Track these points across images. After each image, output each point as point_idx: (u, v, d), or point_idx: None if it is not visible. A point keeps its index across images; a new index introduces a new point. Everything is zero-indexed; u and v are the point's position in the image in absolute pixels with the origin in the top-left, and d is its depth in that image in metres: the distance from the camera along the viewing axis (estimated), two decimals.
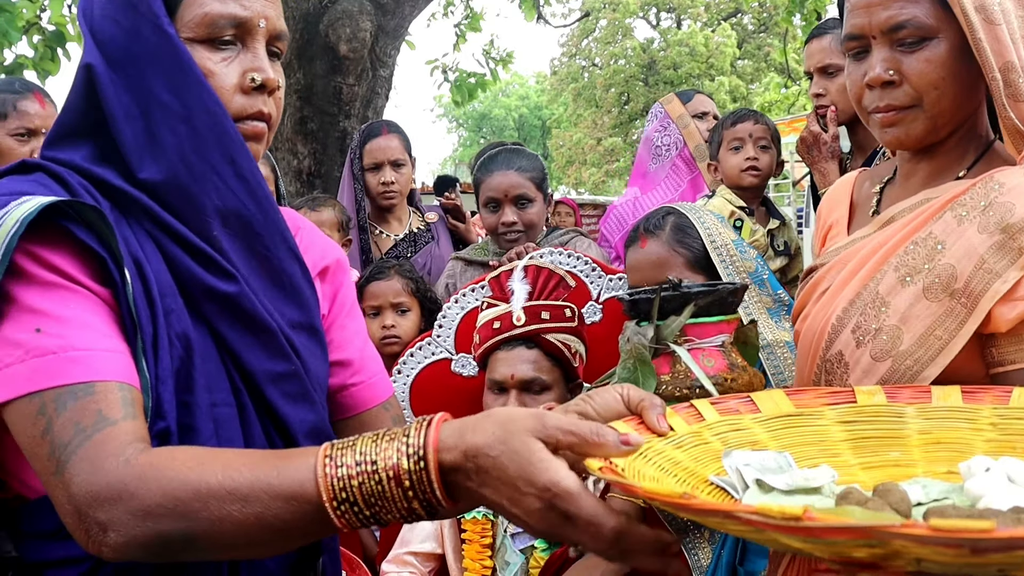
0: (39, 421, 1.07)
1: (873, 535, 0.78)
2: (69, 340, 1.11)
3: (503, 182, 3.19)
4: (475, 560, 2.26)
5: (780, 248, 3.37)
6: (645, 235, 2.21)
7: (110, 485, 1.04)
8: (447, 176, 6.47)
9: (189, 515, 1.03)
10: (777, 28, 22.01)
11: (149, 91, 1.24)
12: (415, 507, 1.05)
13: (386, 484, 1.03)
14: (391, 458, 1.04)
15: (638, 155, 4.15)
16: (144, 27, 1.24)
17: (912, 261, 1.47)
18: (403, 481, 1.03)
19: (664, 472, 1.14)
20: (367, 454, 1.05)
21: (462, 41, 9.79)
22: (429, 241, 3.91)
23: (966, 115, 1.54)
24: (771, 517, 0.80)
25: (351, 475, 1.04)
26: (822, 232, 1.79)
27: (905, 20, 1.48)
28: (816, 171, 3.29)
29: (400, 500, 1.04)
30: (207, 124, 1.25)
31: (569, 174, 32.04)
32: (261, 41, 1.33)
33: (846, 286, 1.56)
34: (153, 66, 1.24)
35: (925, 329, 1.43)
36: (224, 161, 1.26)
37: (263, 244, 1.32)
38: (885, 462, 1.26)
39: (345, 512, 1.04)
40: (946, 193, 1.51)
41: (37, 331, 1.10)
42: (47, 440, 1.07)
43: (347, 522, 1.05)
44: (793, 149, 3.74)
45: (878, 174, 1.74)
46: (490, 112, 43.49)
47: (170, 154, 1.24)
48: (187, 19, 1.27)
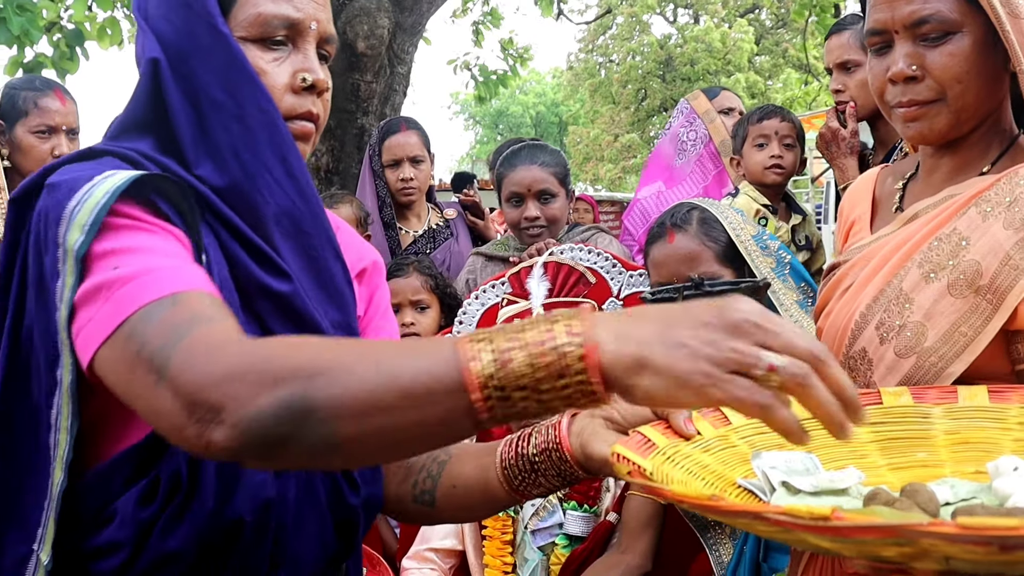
0: (131, 344, 1.04)
1: (902, 534, 0.78)
2: (146, 263, 1.10)
3: (526, 177, 3.19)
4: (496, 556, 2.26)
5: (802, 243, 3.35)
6: (673, 229, 2.19)
7: (226, 363, 0.99)
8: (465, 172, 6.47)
9: (312, 377, 0.96)
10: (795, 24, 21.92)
11: (202, 88, 1.25)
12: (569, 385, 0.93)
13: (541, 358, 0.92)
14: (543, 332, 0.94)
15: (660, 149, 4.13)
16: (197, 26, 1.25)
17: (936, 257, 1.47)
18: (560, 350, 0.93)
19: (692, 475, 1.14)
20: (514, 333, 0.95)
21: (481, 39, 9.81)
22: (448, 237, 3.92)
23: (989, 109, 1.53)
24: (800, 518, 0.80)
25: (503, 351, 0.94)
26: (844, 228, 1.78)
27: (929, 15, 1.47)
28: (835, 167, 3.28)
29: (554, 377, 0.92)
30: (260, 122, 1.25)
31: (586, 171, 32.00)
32: (312, 43, 1.34)
33: (869, 283, 1.56)
34: (206, 64, 1.25)
35: (950, 326, 1.43)
36: (276, 159, 1.27)
37: (311, 244, 1.32)
38: (912, 463, 1.25)
39: (492, 403, 0.93)
40: (970, 189, 1.50)
41: (115, 269, 1.09)
42: (143, 356, 1.02)
43: (488, 401, 0.93)
44: (812, 145, 3.72)
45: (900, 170, 1.73)
46: (507, 109, 43.46)
47: (223, 152, 1.24)
48: (240, 19, 1.28)
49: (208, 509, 1.19)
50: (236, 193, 1.25)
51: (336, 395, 0.95)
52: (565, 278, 2.33)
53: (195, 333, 1.02)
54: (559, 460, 1.31)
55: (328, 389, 0.95)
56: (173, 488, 1.19)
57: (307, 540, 1.30)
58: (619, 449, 1.12)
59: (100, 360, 1.06)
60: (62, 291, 1.10)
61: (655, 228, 2.28)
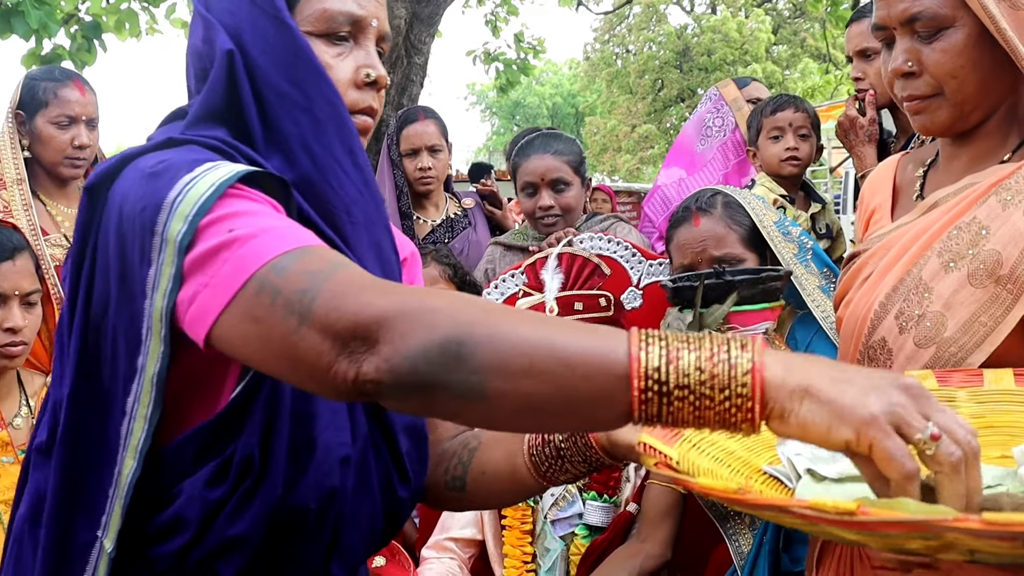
0: (261, 298, 1.03)
1: (926, 529, 0.78)
2: (265, 223, 1.10)
3: (539, 166, 3.18)
4: (515, 546, 2.26)
5: (822, 231, 3.33)
6: (698, 213, 2.21)
7: (382, 299, 0.99)
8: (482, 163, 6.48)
9: (473, 325, 0.96)
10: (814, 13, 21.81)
11: (267, 81, 1.25)
12: (727, 408, 0.92)
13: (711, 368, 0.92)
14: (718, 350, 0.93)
15: (684, 136, 4.11)
16: (261, 19, 1.26)
17: (956, 247, 1.46)
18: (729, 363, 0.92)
19: (718, 463, 1.14)
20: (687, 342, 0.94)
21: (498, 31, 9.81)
22: (466, 227, 3.91)
23: (998, 99, 1.52)
24: (825, 512, 0.80)
25: (670, 351, 0.93)
26: (864, 216, 1.78)
27: (918, 11, 1.47)
28: (854, 155, 3.26)
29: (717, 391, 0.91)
30: (328, 115, 1.26)
31: (603, 161, 31.96)
32: (372, 40, 1.37)
33: (889, 272, 1.55)
34: (271, 56, 1.25)
35: (970, 315, 1.42)
36: (344, 151, 1.28)
37: (375, 234, 1.33)
38: None
39: (649, 397, 0.92)
40: (990, 177, 1.49)
41: (230, 232, 1.08)
42: (279, 304, 1.02)
43: (644, 390, 0.92)
44: (831, 135, 3.70)
45: (920, 157, 1.72)
46: (524, 100, 43.43)
47: (292, 144, 1.25)
48: (306, 13, 1.30)
49: (276, 494, 1.20)
50: (306, 186, 1.25)
51: (495, 349, 0.94)
52: (579, 270, 2.33)
53: (339, 275, 1.03)
54: (584, 446, 1.32)
55: (488, 341, 0.95)
56: (244, 470, 1.20)
57: (360, 531, 1.33)
58: (646, 439, 1.12)
59: (223, 322, 1.06)
60: (155, 279, 1.10)
61: (679, 212, 2.28)
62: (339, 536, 1.29)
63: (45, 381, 2.45)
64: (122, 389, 1.16)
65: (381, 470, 1.33)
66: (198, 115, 1.26)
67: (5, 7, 6.68)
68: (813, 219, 3.35)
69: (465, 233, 3.89)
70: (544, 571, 2.23)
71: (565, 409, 0.96)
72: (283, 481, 1.20)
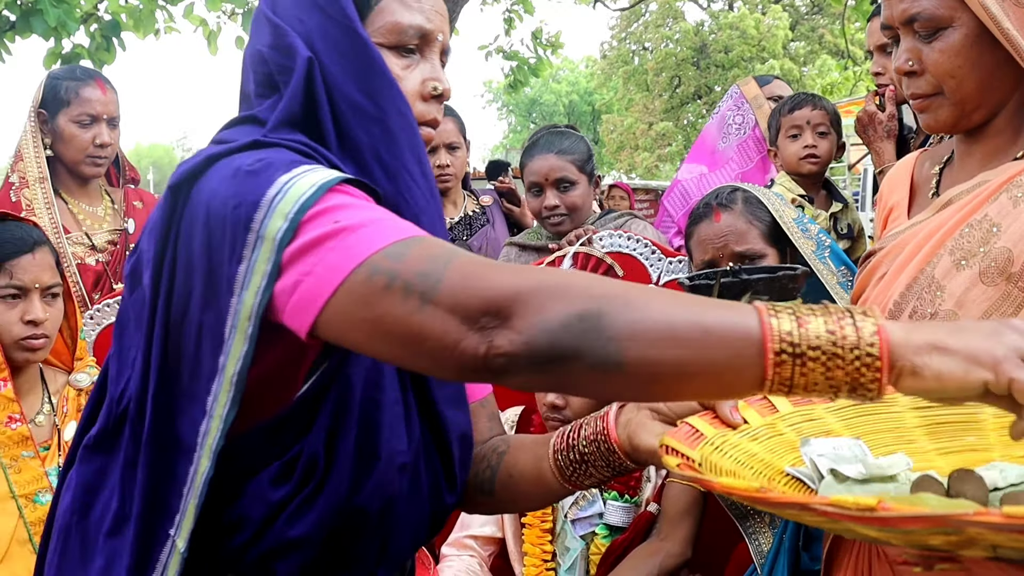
0: (375, 281, 1.04)
1: (948, 523, 0.78)
2: (372, 215, 1.11)
3: (543, 166, 3.17)
4: (535, 545, 2.26)
5: (844, 231, 3.31)
6: (719, 209, 2.21)
7: (513, 277, 1.01)
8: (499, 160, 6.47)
9: (609, 298, 0.98)
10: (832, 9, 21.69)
11: (338, 90, 1.26)
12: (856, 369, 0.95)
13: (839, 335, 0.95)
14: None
15: (707, 131, 4.11)
16: (333, 28, 1.27)
17: (967, 244, 1.46)
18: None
19: (740, 465, 1.14)
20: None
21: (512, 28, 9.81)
22: (484, 224, 3.91)
23: (1001, 97, 1.52)
24: (847, 508, 0.81)
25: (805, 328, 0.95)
26: (883, 214, 1.78)
27: (916, 12, 1.49)
28: (873, 150, 3.25)
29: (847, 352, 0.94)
30: (400, 126, 1.28)
31: (621, 159, 31.91)
32: (437, 53, 1.39)
33: (903, 270, 1.55)
34: (342, 66, 1.26)
35: (981, 314, 1.42)
36: (414, 162, 1.29)
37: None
38: (962, 447, 1.24)
39: (783, 359, 0.95)
40: (1002, 175, 1.49)
41: (335, 223, 1.09)
42: (396, 287, 1.03)
43: (779, 370, 0.95)
44: (850, 131, 3.68)
45: (938, 154, 1.73)
46: (540, 97, 43.45)
47: (365, 154, 1.26)
48: (377, 25, 1.32)
49: (340, 497, 1.22)
50: (379, 195, 1.26)
51: (632, 318, 0.96)
52: (594, 269, 2.33)
53: (460, 258, 1.05)
54: (607, 451, 1.33)
55: (624, 310, 0.97)
56: (309, 471, 1.21)
57: (407, 536, 1.35)
58: (668, 441, 1.12)
59: (331, 308, 1.06)
60: (246, 276, 1.11)
61: (699, 209, 2.28)
62: (388, 540, 1.31)
63: (67, 379, 2.47)
64: (204, 388, 1.16)
65: (431, 477, 1.34)
66: (280, 120, 1.26)
67: (25, 6, 6.73)
68: (835, 219, 3.33)
69: (484, 231, 3.89)
70: (564, 570, 2.23)
71: (700, 375, 0.98)
72: (347, 485, 1.22)
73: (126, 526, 1.22)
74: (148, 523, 1.20)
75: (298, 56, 1.25)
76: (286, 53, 1.27)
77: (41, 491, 2.23)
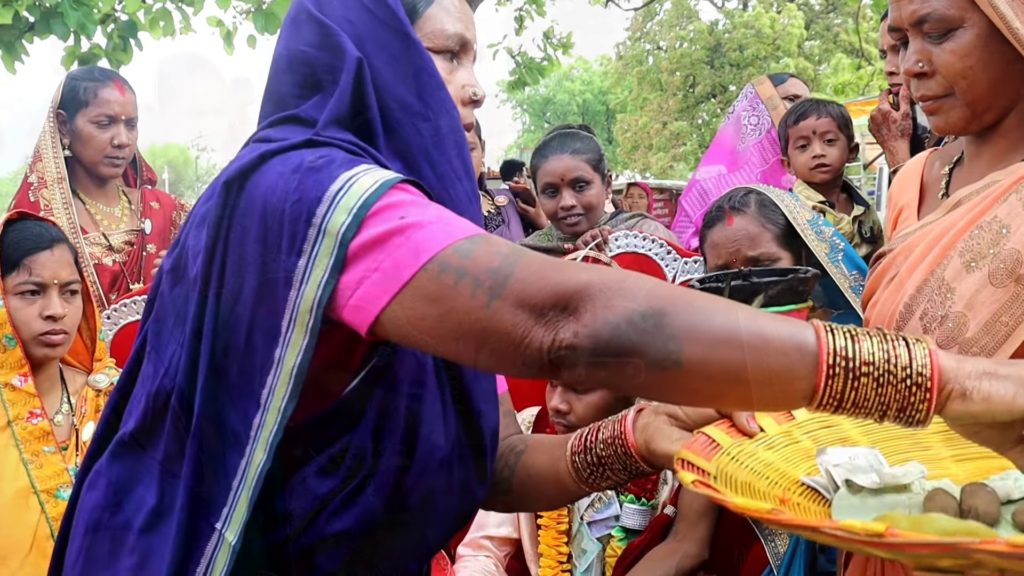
0: (444, 278, 1.06)
1: (953, 550, 0.81)
2: (438, 213, 1.13)
3: (558, 166, 3.18)
4: (551, 546, 2.26)
5: (867, 234, 3.26)
6: (732, 212, 2.20)
7: (582, 274, 1.04)
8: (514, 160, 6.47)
9: (672, 299, 1.02)
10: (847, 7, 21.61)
11: (388, 90, 1.28)
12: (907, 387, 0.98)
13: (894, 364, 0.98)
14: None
15: (723, 133, 4.08)
16: (382, 31, 1.30)
17: (977, 246, 1.46)
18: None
19: (756, 475, 1.15)
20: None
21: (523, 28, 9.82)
22: (500, 224, 3.92)
23: (1012, 97, 1.52)
24: (856, 533, 0.83)
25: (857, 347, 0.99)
26: (893, 215, 1.78)
27: (926, 13, 1.47)
28: (886, 149, 3.23)
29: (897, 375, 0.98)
30: (449, 127, 1.31)
31: (635, 159, 31.86)
32: (471, 60, 1.44)
33: (914, 272, 1.55)
34: (393, 67, 1.29)
35: (991, 316, 1.42)
36: (459, 161, 1.32)
37: None
38: (976, 454, 1.23)
39: (836, 372, 0.98)
40: (1011, 176, 1.49)
41: (401, 219, 1.10)
42: (464, 284, 1.05)
43: (832, 385, 0.99)
44: (865, 131, 3.65)
45: (948, 154, 1.72)
46: (554, 97, 43.40)
47: (414, 153, 1.28)
48: (427, 30, 1.37)
49: (386, 492, 1.24)
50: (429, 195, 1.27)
51: (694, 320, 1.00)
52: None
53: (529, 255, 1.08)
54: (624, 455, 1.34)
55: (687, 311, 1.01)
56: (357, 464, 1.23)
57: (439, 529, 1.37)
58: (684, 455, 1.13)
59: (396, 305, 1.08)
60: (307, 270, 1.12)
61: (712, 212, 2.27)
62: (424, 533, 1.33)
63: (86, 380, 2.48)
64: (257, 381, 1.17)
65: (464, 471, 1.36)
66: (329, 119, 1.27)
67: (44, 8, 6.77)
68: (858, 222, 3.28)
69: (499, 230, 3.89)
70: (580, 572, 2.23)
71: (753, 381, 1.01)
72: (392, 479, 1.24)
73: (163, 521, 1.23)
74: (192, 516, 1.20)
75: (347, 56, 1.27)
76: (335, 53, 1.28)
77: (62, 486, 2.25)
